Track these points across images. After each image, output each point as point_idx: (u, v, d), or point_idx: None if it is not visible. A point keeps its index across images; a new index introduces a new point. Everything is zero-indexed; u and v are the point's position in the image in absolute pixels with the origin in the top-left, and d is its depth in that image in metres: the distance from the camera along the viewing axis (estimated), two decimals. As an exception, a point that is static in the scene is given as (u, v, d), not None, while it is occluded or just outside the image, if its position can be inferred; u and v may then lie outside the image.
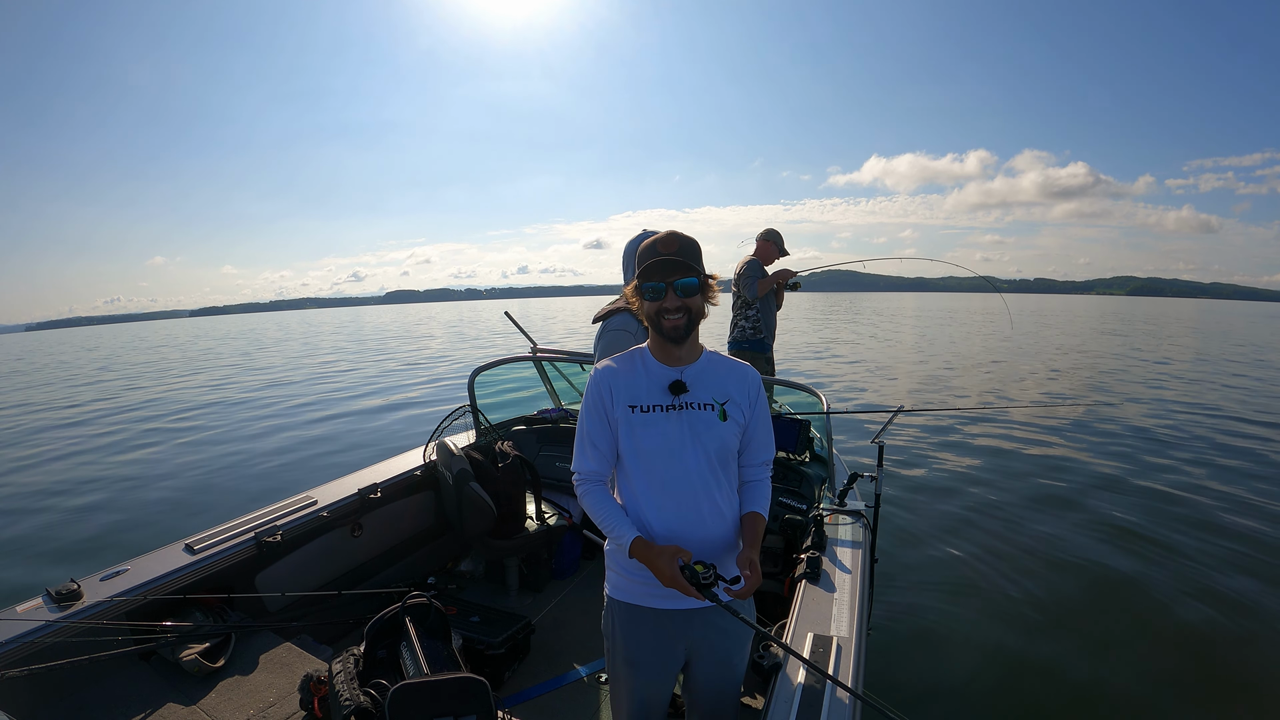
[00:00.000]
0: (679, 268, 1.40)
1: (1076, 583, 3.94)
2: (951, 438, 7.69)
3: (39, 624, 1.82)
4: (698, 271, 1.41)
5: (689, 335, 1.45)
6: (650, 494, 1.46)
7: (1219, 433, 7.95)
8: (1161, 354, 18.01)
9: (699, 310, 1.45)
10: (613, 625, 1.56)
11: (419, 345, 25.17)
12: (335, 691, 1.67)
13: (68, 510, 5.95)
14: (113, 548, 4.89)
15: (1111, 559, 4.25)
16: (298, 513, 2.59)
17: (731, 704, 1.60)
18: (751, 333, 4.49)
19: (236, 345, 31.85)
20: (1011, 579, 3.97)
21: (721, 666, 1.55)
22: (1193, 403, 10.03)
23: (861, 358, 16.94)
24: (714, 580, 1.33)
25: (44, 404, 13.71)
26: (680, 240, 1.43)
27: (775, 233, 4.57)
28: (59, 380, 18.96)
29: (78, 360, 28.33)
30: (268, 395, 12.77)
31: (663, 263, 1.40)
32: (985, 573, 4.06)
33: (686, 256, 1.41)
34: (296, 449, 7.93)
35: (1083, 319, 40.94)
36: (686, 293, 1.41)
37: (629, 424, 1.46)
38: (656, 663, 1.53)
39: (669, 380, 1.46)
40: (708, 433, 1.45)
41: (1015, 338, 20.40)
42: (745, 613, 1.54)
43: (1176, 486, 5.76)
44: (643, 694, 1.56)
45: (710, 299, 1.47)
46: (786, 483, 2.99)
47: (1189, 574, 4.01)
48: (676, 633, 1.51)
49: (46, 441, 9.33)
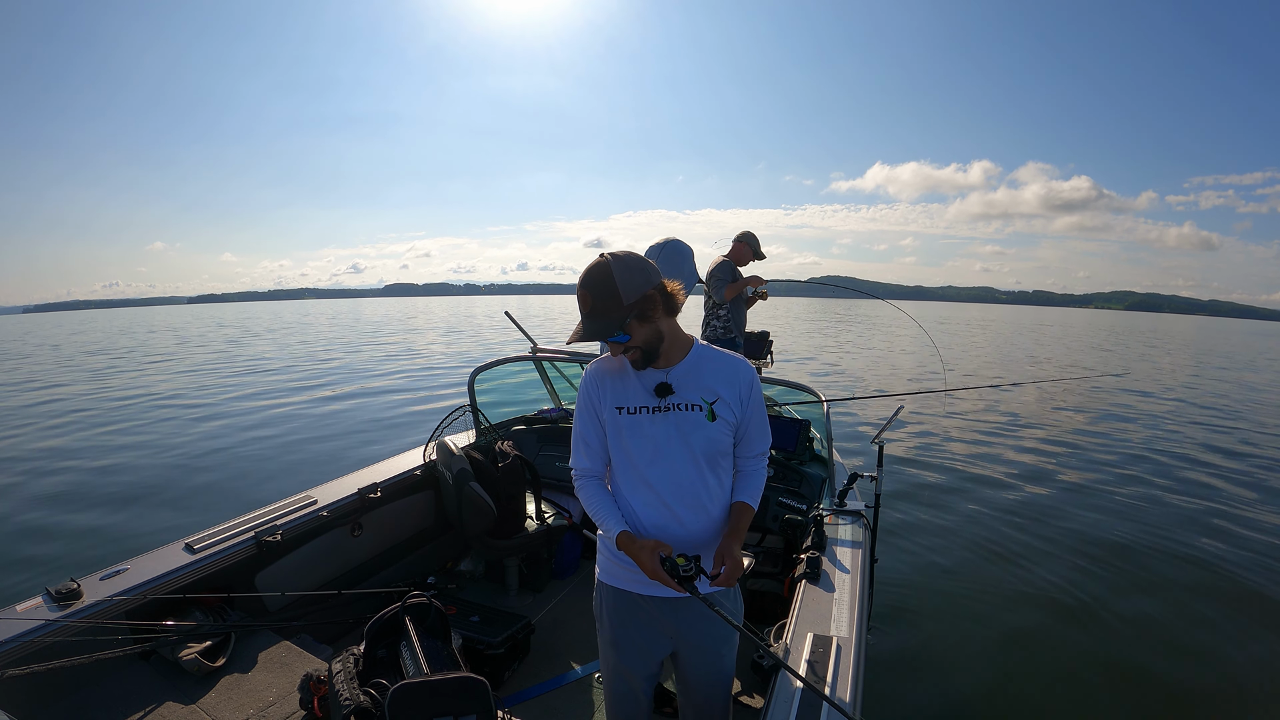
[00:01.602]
0: (601, 328, 1.36)
1: (1077, 583, 3.95)
2: (952, 438, 7.70)
3: (39, 623, 1.82)
4: (620, 321, 1.36)
5: (653, 359, 1.44)
6: (637, 493, 1.48)
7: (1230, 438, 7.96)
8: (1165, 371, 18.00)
9: (650, 337, 1.41)
10: (600, 606, 1.61)
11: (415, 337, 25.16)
12: (335, 691, 1.67)
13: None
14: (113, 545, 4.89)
15: (1112, 558, 4.25)
16: (297, 512, 2.59)
17: (722, 695, 1.61)
18: (723, 332, 4.59)
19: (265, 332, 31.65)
20: (1012, 579, 3.97)
21: (709, 656, 1.56)
22: (1208, 406, 10.03)
23: (859, 362, 16.94)
24: (695, 574, 1.35)
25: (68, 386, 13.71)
26: (591, 293, 1.38)
27: (751, 235, 4.65)
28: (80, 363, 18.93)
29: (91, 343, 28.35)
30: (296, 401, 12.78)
31: (586, 327, 1.38)
32: (986, 573, 4.06)
33: (602, 307, 1.37)
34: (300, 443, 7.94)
35: (1076, 332, 41.02)
36: (623, 340, 1.39)
37: (616, 426, 1.48)
38: (640, 646, 1.57)
39: (655, 382, 1.46)
40: (695, 433, 1.45)
41: (1004, 348, 20.52)
42: (730, 604, 1.57)
43: (1181, 488, 5.76)
44: (624, 674, 1.61)
45: (656, 317, 1.41)
46: (786, 483, 2.99)
47: (1192, 575, 4.02)
48: (662, 620, 1.53)
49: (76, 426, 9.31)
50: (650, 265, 1.42)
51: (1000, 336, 30.18)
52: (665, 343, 1.44)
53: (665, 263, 2.88)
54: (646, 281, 1.39)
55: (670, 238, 3.04)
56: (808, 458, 3.16)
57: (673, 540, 1.47)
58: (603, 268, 1.37)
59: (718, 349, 1.52)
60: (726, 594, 1.57)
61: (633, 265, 1.38)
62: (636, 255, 1.42)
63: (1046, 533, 4.69)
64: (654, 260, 1.55)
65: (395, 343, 23.30)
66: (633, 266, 1.38)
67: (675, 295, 1.43)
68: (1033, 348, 24.06)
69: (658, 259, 2.89)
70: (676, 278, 1.52)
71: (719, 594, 1.53)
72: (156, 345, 25.85)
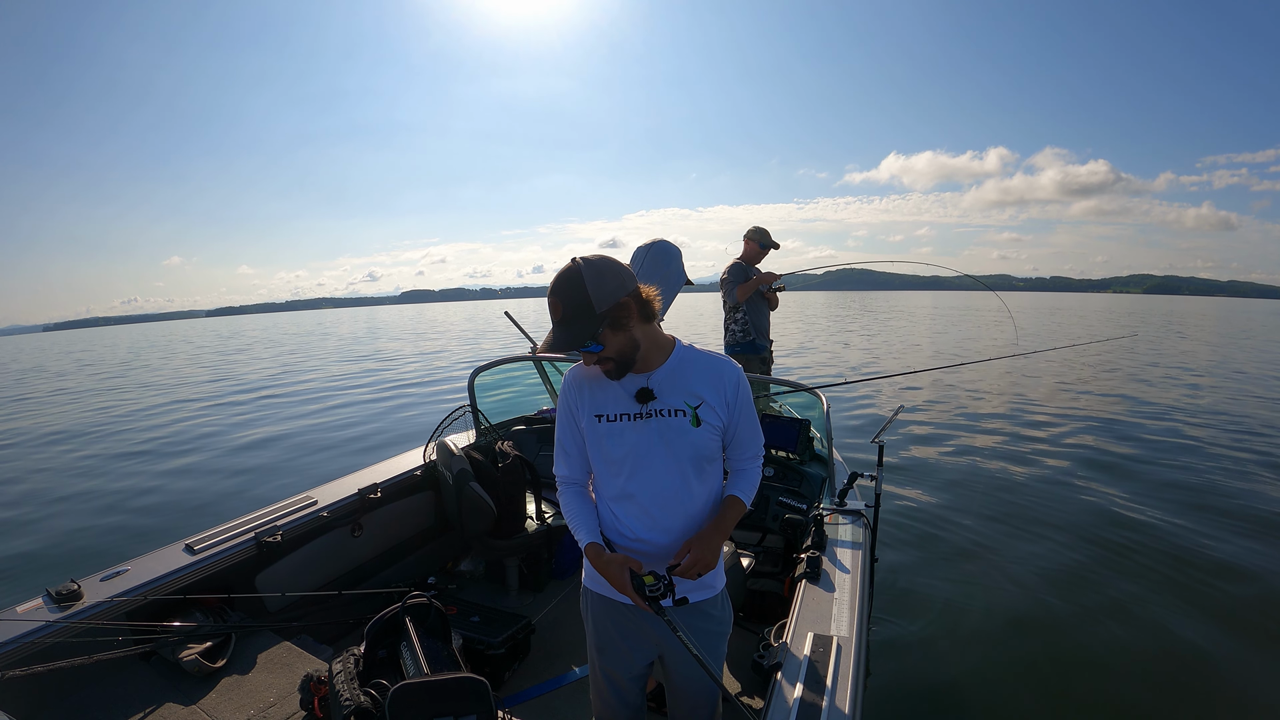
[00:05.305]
0: (572, 337, 1.29)
1: (1079, 583, 3.94)
2: (953, 437, 7.69)
3: (39, 624, 1.82)
4: (592, 330, 1.29)
5: (629, 367, 1.38)
6: (620, 502, 1.46)
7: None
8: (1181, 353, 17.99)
9: (624, 346, 1.34)
10: (586, 610, 1.61)
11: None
12: (335, 691, 1.67)
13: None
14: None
15: (1114, 559, 4.24)
16: (298, 513, 2.59)
17: (708, 701, 1.60)
18: (741, 335, 4.50)
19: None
20: (1013, 579, 3.97)
21: (693, 665, 1.48)
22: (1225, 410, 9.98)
23: (860, 358, 16.94)
24: (663, 592, 1.32)
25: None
26: (561, 300, 1.31)
27: (759, 229, 4.53)
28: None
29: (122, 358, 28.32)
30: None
31: (557, 335, 1.31)
32: (987, 573, 4.06)
33: (573, 317, 1.30)
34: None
35: (1095, 316, 40.86)
36: (596, 350, 1.33)
37: (595, 434, 1.44)
38: (623, 651, 1.56)
39: (635, 388, 1.41)
40: (679, 440, 1.40)
41: (1021, 341, 20.47)
42: (719, 611, 1.53)
43: (1190, 489, 5.75)
44: (610, 676, 1.61)
45: (631, 325, 1.34)
46: (786, 483, 2.99)
47: (1195, 577, 4.00)
48: (645, 627, 1.51)
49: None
50: (625, 270, 1.34)
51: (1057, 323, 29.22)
52: (642, 349, 1.37)
53: (651, 264, 2.86)
54: (620, 288, 1.31)
55: (657, 239, 2.99)
56: (808, 457, 3.17)
57: (658, 550, 1.44)
58: (573, 274, 1.29)
59: (700, 350, 1.45)
60: (713, 602, 1.52)
61: (605, 270, 1.31)
62: (610, 260, 1.35)
63: (1050, 532, 4.68)
64: (641, 261, 1.52)
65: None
66: (605, 272, 1.31)
67: (651, 301, 1.37)
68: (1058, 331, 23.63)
69: (644, 260, 2.88)
70: (663, 280, 1.48)
71: (705, 603, 1.49)
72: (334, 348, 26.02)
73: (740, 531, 3.00)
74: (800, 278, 5.37)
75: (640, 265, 2.85)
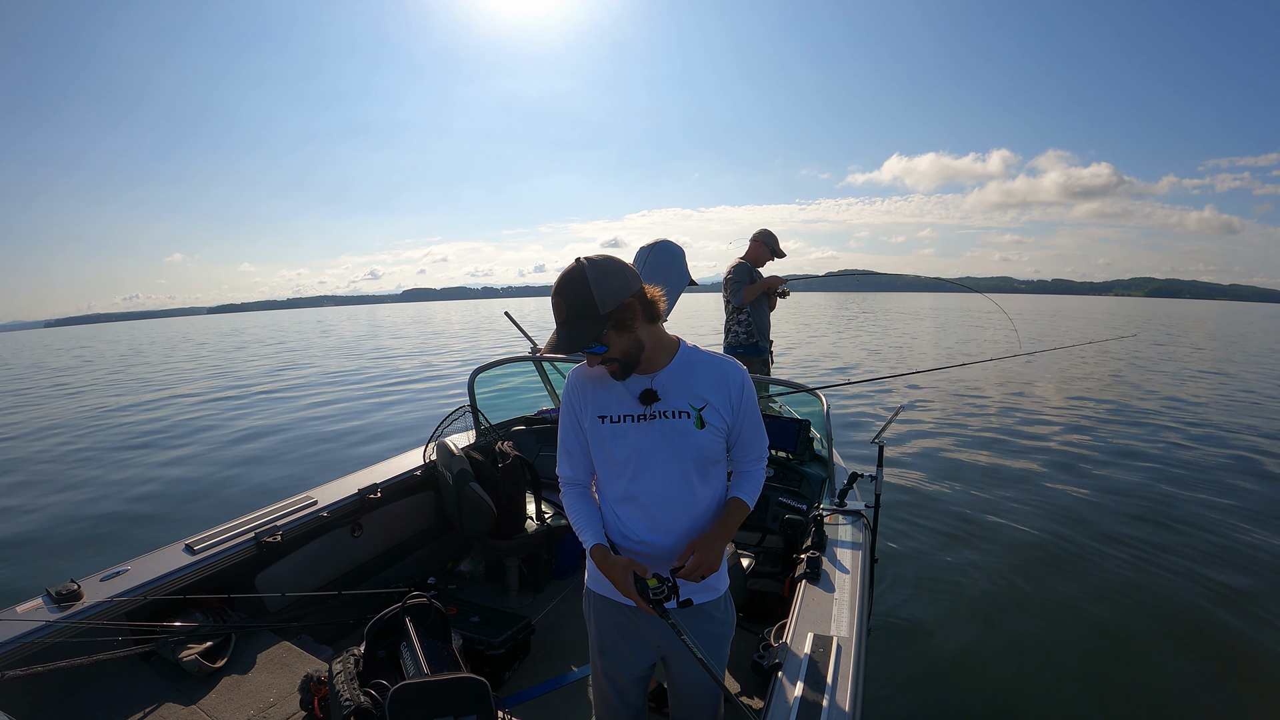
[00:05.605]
0: (576, 338, 1.29)
1: (1080, 583, 3.94)
2: (953, 437, 7.69)
3: (39, 624, 1.82)
4: (596, 331, 1.29)
5: (633, 368, 1.37)
6: (623, 504, 1.45)
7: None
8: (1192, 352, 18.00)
9: (629, 347, 1.34)
10: (589, 611, 1.60)
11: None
12: (335, 691, 1.67)
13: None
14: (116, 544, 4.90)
15: (1115, 559, 4.24)
16: (298, 513, 2.59)
17: (710, 703, 1.60)
18: (745, 337, 4.50)
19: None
20: (1014, 579, 3.97)
21: (696, 668, 1.46)
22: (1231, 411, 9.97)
23: (860, 359, 16.94)
24: (666, 595, 1.32)
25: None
26: (565, 301, 1.30)
27: (769, 234, 4.53)
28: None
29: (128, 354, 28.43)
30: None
31: (561, 336, 1.31)
32: (987, 573, 4.05)
33: (577, 317, 1.29)
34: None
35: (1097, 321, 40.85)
36: (600, 352, 1.33)
37: (599, 435, 1.43)
38: (625, 653, 1.56)
39: (639, 389, 1.40)
40: (683, 442, 1.39)
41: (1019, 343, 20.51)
42: (721, 613, 1.52)
43: (1191, 489, 5.75)
44: (612, 676, 1.60)
45: (636, 326, 1.33)
46: (786, 483, 2.99)
47: (1199, 578, 3.99)
48: (648, 629, 1.50)
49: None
50: (629, 271, 1.33)
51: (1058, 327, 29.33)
52: (647, 350, 1.37)
53: (654, 264, 2.85)
54: (624, 288, 1.30)
55: (660, 239, 2.99)
56: (808, 458, 3.16)
57: (661, 552, 1.43)
58: (577, 274, 1.29)
59: (705, 351, 1.45)
60: (717, 604, 1.51)
61: (610, 271, 1.30)
62: (615, 260, 1.33)
63: (1054, 533, 4.68)
64: (644, 262, 1.52)
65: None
66: (610, 272, 1.30)
67: (656, 302, 1.36)
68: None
69: (646, 260, 2.87)
70: (666, 280, 1.48)
71: (709, 605, 1.49)
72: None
73: (740, 532, 2.99)
74: (801, 279, 5.36)
75: (643, 265, 2.84)
